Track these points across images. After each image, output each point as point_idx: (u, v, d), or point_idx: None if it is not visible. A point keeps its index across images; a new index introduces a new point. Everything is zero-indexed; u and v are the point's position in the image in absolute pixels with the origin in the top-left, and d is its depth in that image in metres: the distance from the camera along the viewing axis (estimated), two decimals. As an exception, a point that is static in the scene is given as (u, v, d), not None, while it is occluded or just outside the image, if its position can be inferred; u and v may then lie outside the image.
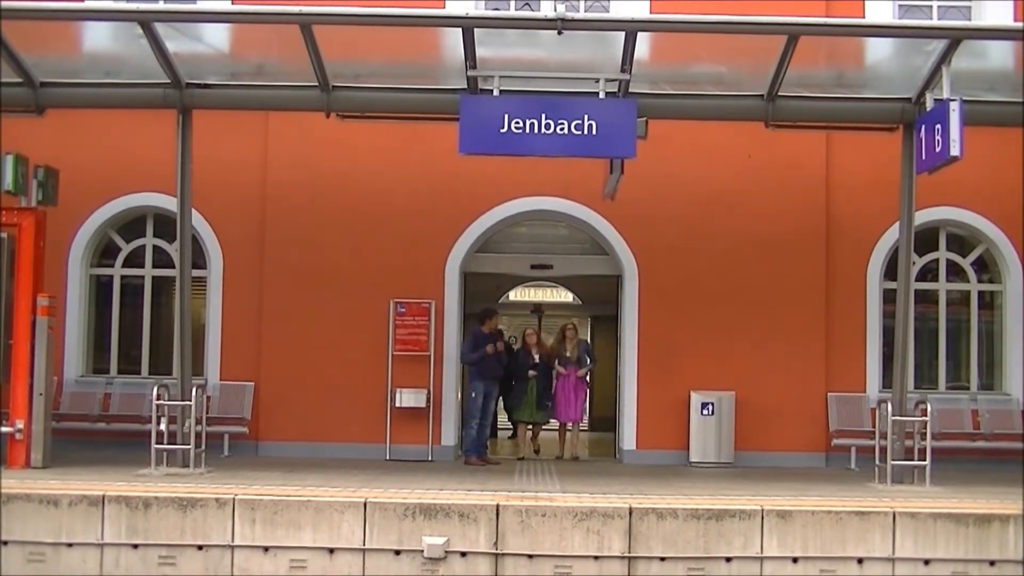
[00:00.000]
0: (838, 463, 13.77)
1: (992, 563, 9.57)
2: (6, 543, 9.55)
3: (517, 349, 15.39)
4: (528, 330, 15.51)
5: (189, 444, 11.68)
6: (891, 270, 13.85)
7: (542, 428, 15.32)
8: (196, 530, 9.59)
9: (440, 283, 14.19)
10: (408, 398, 13.87)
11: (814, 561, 9.55)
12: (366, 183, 14.11)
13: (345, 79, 11.85)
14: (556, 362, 14.69)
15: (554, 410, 14.73)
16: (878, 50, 11.96)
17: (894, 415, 11.73)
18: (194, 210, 12.69)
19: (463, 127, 10.91)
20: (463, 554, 9.51)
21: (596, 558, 9.50)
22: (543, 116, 10.80)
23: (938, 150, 10.53)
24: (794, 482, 11.73)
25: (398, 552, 9.53)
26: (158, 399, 11.76)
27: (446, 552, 9.49)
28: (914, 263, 13.17)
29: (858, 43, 11.88)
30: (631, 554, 9.51)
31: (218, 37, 11.92)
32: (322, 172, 14.10)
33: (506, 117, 10.81)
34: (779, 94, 11.75)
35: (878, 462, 11.94)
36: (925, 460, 11.59)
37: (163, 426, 11.73)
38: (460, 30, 10.79)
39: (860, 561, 9.56)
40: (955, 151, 10.24)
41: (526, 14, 13.20)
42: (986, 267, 14.76)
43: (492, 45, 11.33)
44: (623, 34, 10.85)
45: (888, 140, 12.46)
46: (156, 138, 12.98)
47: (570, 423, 14.76)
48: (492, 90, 11.07)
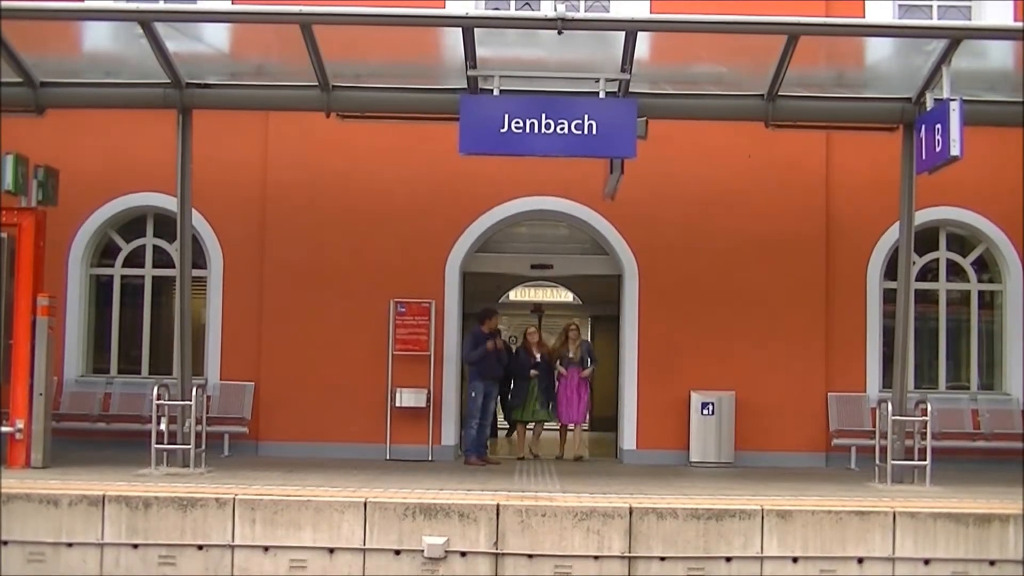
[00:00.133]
0: (838, 463, 13.77)
1: (992, 563, 9.57)
2: (6, 543, 9.55)
3: (517, 349, 15.36)
4: (530, 329, 15.45)
5: (189, 444, 11.68)
6: (891, 270, 13.85)
7: (544, 428, 15.30)
8: (196, 530, 9.59)
9: (440, 283, 14.19)
10: (408, 398, 13.87)
11: (814, 561, 9.55)
12: (366, 183, 14.11)
13: (345, 79, 11.85)
14: (558, 362, 14.67)
15: (556, 411, 14.72)
16: (878, 50, 11.96)
17: (894, 415, 11.73)
18: (194, 210, 12.69)
19: (463, 127, 10.91)
20: (463, 554, 9.51)
21: (596, 558, 9.50)
22: (543, 116, 10.80)
23: (938, 150, 10.53)
24: (794, 482, 11.72)
25: (398, 552, 9.53)
26: (158, 399, 11.76)
27: (446, 552, 9.49)
28: (914, 263, 13.17)
29: (858, 43, 11.88)
30: (631, 554, 9.51)
31: (218, 37, 11.92)
32: (322, 172, 14.10)
33: (506, 117, 10.80)
34: (779, 94, 11.76)
35: (878, 462, 11.94)
36: (925, 460, 11.59)
37: (163, 426, 11.73)
38: (460, 30, 10.79)
39: (860, 561, 9.57)
40: (955, 151, 10.24)
41: (526, 14, 13.20)
42: (986, 267, 14.76)
43: (492, 45, 11.33)
44: (623, 34, 10.85)
45: (888, 140, 12.46)
46: (156, 138, 12.99)
47: (572, 424, 14.71)
48: (492, 90, 11.07)
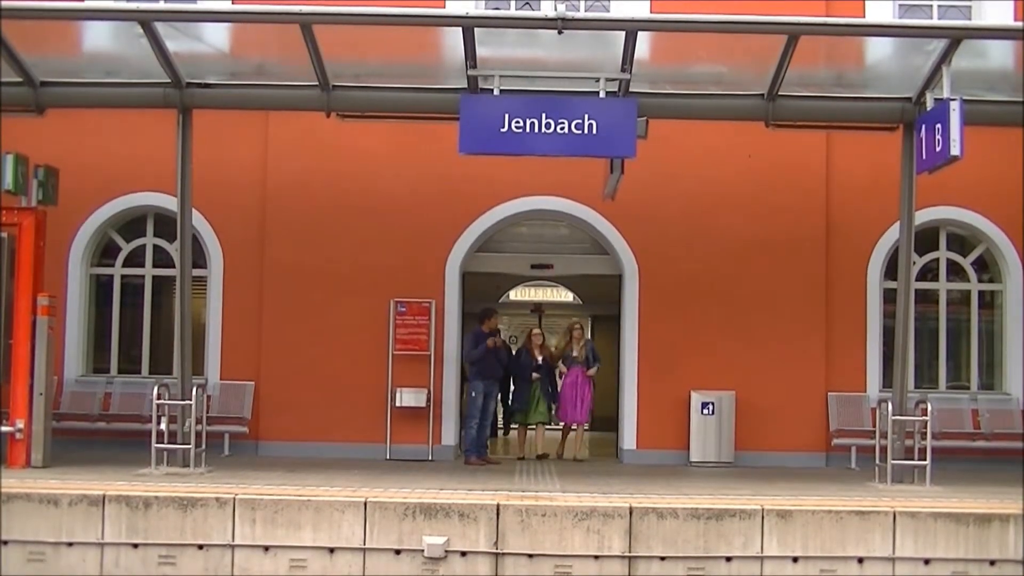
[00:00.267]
0: (838, 463, 13.77)
1: (992, 563, 9.57)
2: (6, 543, 9.55)
3: (519, 349, 15.33)
4: (535, 331, 15.37)
5: (189, 444, 11.68)
6: (891, 270, 13.85)
7: (547, 429, 15.25)
8: (196, 530, 9.59)
9: (440, 283, 14.18)
10: (408, 398, 13.86)
11: (814, 561, 9.55)
12: (366, 183, 14.11)
13: (345, 79, 11.85)
14: (560, 362, 14.63)
15: (559, 411, 14.67)
16: (878, 50, 11.96)
17: (894, 415, 11.73)
18: (194, 210, 12.68)
19: (463, 127, 10.90)
20: (463, 554, 9.51)
21: (596, 558, 9.50)
22: (543, 116, 10.79)
23: (938, 150, 10.52)
24: (794, 482, 11.72)
25: (398, 552, 9.53)
26: (158, 399, 11.76)
27: (446, 552, 9.49)
28: (914, 263, 13.18)
29: (858, 43, 11.88)
30: (631, 554, 9.51)
31: (218, 37, 11.92)
32: (322, 172, 14.09)
33: (506, 117, 10.80)
34: (779, 94, 11.75)
35: (878, 462, 11.94)
36: (925, 460, 11.59)
37: (163, 426, 11.73)
38: (460, 29, 10.78)
39: (860, 561, 9.57)
40: (955, 151, 10.23)
41: (526, 14, 13.19)
42: (986, 267, 14.76)
43: (492, 44, 11.33)
44: (623, 33, 10.85)
45: (888, 140, 12.45)
46: (156, 138, 12.98)
47: (575, 424, 14.67)
48: (492, 90, 11.07)
